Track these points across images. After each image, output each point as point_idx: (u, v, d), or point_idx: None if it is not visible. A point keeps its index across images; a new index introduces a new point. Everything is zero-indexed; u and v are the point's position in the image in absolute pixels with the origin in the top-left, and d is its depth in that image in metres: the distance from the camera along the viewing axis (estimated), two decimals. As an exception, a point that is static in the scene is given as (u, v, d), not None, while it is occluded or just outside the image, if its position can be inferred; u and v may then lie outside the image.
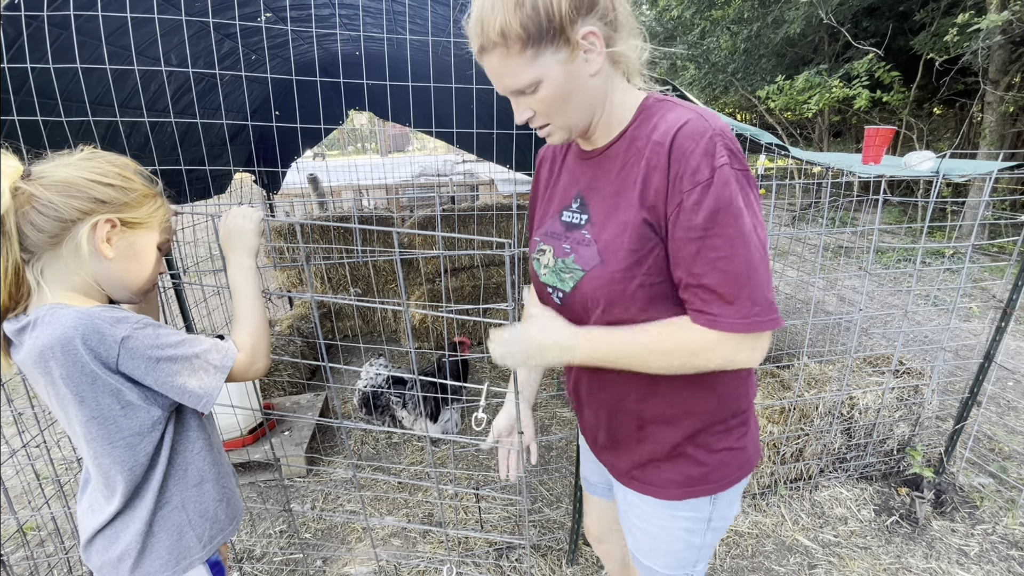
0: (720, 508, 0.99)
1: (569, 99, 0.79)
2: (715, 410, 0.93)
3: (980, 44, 6.00)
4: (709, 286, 0.75)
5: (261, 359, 0.99)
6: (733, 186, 0.72)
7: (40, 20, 1.36)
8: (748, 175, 0.75)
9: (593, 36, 0.75)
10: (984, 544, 2.15)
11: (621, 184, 0.83)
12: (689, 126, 0.74)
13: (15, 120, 1.38)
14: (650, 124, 0.80)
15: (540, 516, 2.34)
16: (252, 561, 2.12)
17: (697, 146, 0.73)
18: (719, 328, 0.76)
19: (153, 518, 0.96)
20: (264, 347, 0.99)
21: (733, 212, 0.72)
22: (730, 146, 0.74)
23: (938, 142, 9.10)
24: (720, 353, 0.78)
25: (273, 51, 2.60)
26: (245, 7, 1.98)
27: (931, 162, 2.09)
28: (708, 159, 0.72)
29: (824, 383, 2.43)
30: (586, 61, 0.77)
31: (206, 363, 0.91)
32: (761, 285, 0.74)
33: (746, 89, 10.77)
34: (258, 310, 1.02)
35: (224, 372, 0.93)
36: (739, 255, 0.73)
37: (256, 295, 1.02)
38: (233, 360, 0.94)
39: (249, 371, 0.97)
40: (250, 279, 1.03)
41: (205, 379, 0.90)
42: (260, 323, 1.01)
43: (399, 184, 6.46)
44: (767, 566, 2.07)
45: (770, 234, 3.67)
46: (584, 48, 0.76)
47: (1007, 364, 3.70)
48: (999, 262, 5.91)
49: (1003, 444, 2.78)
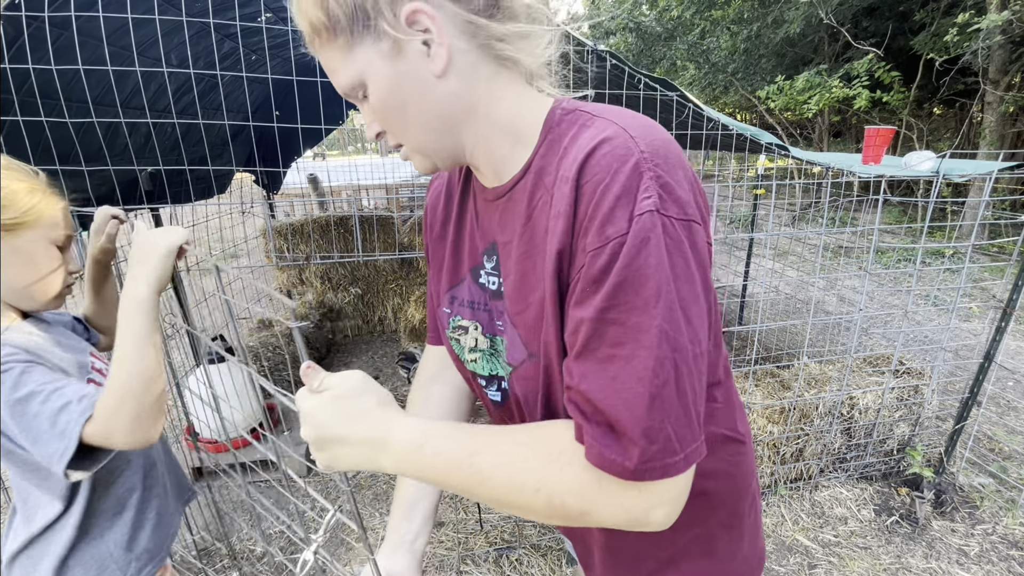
0: None
1: (406, 109, 0.56)
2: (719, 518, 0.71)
3: (980, 44, 6.00)
4: (590, 397, 0.49)
5: (119, 432, 0.74)
6: (656, 247, 0.46)
7: (41, 20, 1.36)
8: (690, 228, 0.49)
9: (423, 16, 0.51)
10: (984, 544, 2.15)
11: (530, 242, 0.57)
12: (603, 150, 0.49)
13: (18, 120, 1.38)
14: (559, 148, 0.55)
15: (540, 516, 2.34)
16: (252, 561, 2.12)
17: (613, 181, 0.48)
18: (606, 467, 0.49)
19: (69, 552, 0.88)
20: (125, 417, 0.74)
21: (649, 291, 0.46)
22: (663, 177, 0.48)
23: (938, 142, 9.10)
24: (609, 505, 0.50)
25: (273, 51, 2.60)
26: (245, 7, 1.98)
27: (931, 162, 2.09)
28: (627, 201, 0.47)
29: (824, 383, 2.44)
30: (427, 56, 0.53)
31: (51, 428, 0.73)
32: (671, 410, 0.47)
33: (746, 89, 10.77)
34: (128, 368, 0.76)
35: (67, 443, 0.73)
36: (643, 358, 0.47)
37: (134, 345, 0.77)
38: (78, 430, 0.73)
39: (107, 441, 0.75)
40: (127, 320, 0.79)
41: (48, 447, 0.73)
42: (128, 388, 0.75)
43: (399, 184, 6.46)
44: (767, 566, 2.08)
45: (770, 234, 3.67)
46: (413, 36, 0.52)
47: (1007, 364, 3.71)
48: (999, 262, 5.92)
49: (1003, 444, 2.78)
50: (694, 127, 2.01)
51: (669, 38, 11.77)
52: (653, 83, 1.71)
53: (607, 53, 1.65)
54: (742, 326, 4.31)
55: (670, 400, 0.47)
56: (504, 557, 2.09)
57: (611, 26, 11.95)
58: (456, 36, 0.53)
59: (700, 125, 1.99)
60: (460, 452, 0.53)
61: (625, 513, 0.51)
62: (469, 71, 0.55)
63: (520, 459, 0.52)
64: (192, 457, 2.51)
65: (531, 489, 0.51)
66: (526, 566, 2.05)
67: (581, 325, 0.50)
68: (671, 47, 11.82)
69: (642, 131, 0.50)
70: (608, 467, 0.48)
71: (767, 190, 5.27)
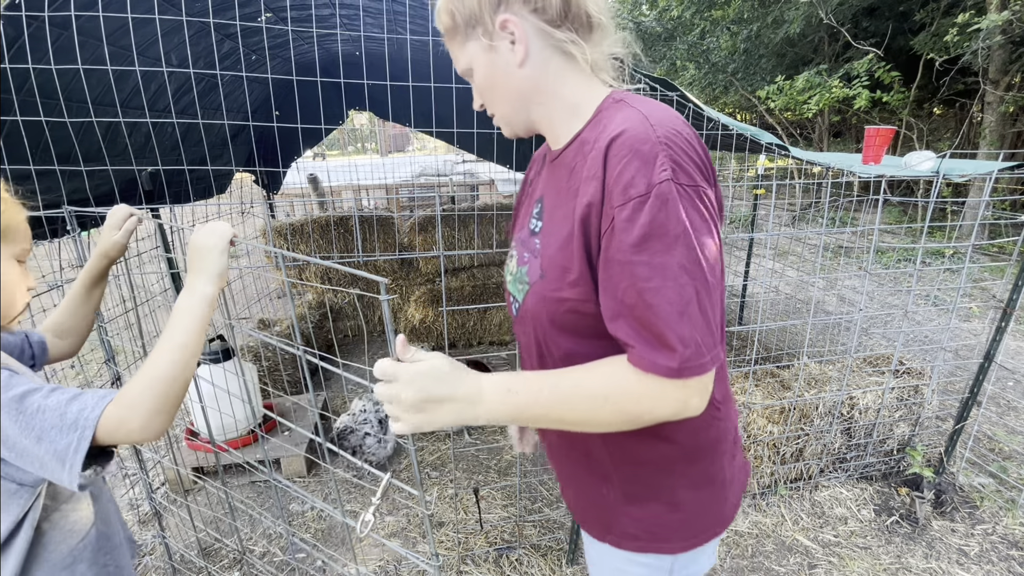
0: (683, 564, 0.88)
1: (496, 88, 0.78)
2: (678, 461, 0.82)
3: (980, 44, 6.00)
4: (638, 321, 0.64)
5: (136, 420, 0.71)
6: (674, 205, 0.62)
7: (41, 20, 1.36)
8: (698, 191, 0.64)
9: (511, 24, 0.72)
10: (984, 544, 2.15)
11: (566, 193, 0.75)
12: (629, 132, 0.65)
13: (18, 120, 1.38)
14: (600, 126, 0.71)
15: (540, 516, 2.34)
16: (252, 561, 2.12)
17: (634, 155, 0.63)
18: (655, 371, 0.63)
19: None
20: (149, 406, 0.73)
21: (670, 237, 0.62)
22: (676, 158, 0.63)
23: (938, 142, 9.11)
24: (662, 403, 0.66)
25: (274, 51, 2.60)
26: (245, 7, 1.98)
27: (931, 162, 2.09)
28: (646, 170, 0.62)
29: (824, 383, 2.44)
30: (511, 51, 0.74)
31: (59, 421, 0.69)
32: (696, 323, 0.62)
33: (746, 89, 10.77)
34: (172, 357, 0.77)
35: (81, 432, 0.69)
36: (671, 287, 0.62)
37: (185, 337, 0.79)
38: (97, 414, 0.70)
39: (119, 430, 0.71)
40: (190, 312, 0.81)
41: (57, 442, 0.68)
42: (163, 374, 0.75)
43: (399, 184, 6.46)
44: (767, 566, 2.08)
45: (770, 234, 3.67)
46: (503, 37, 0.73)
47: (1007, 364, 3.71)
48: (999, 262, 5.92)
49: (1003, 444, 2.78)
50: (694, 127, 2.01)
51: (669, 38, 11.77)
52: (653, 83, 1.71)
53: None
54: (742, 326, 4.31)
55: (694, 316, 0.62)
56: (504, 557, 2.09)
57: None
58: (533, 37, 0.73)
59: (700, 125, 1.99)
60: (539, 387, 0.69)
61: (673, 405, 0.66)
62: (541, 63, 0.75)
63: (588, 381, 0.69)
64: (191, 458, 2.51)
65: (601, 399, 0.67)
66: (526, 566, 2.05)
67: (618, 268, 0.65)
68: (671, 47, 11.82)
69: (661, 120, 0.66)
70: (658, 371, 0.63)
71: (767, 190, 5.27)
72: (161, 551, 2.04)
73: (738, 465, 0.92)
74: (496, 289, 4.11)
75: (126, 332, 2.00)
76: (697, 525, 0.86)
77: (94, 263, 1.11)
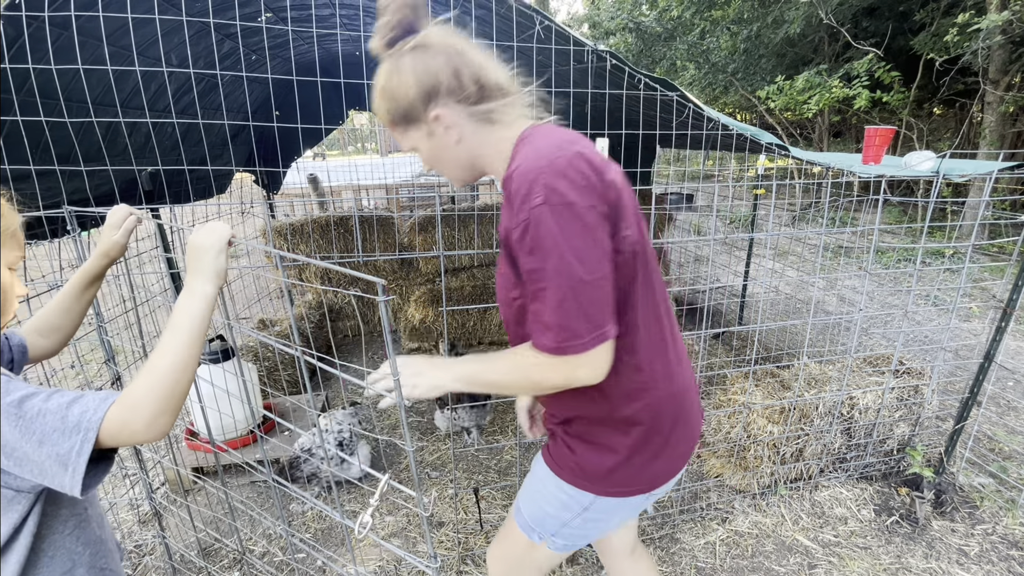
0: (600, 509, 1.07)
1: (442, 161, 0.98)
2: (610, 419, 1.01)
3: (980, 44, 6.00)
4: (535, 313, 0.85)
5: (139, 421, 0.71)
6: (547, 223, 0.79)
7: (41, 20, 1.36)
8: (571, 207, 0.79)
9: (442, 116, 0.90)
10: (984, 544, 2.15)
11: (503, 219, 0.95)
12: (521, 168, 0.82)
13: (18, 120, 1.38)
14: (511, 163, 0.89)
15: (540, 516, 2.34)
16: (252, 561, 2.12)
17: (521, 187, 0.81)
18: (544, 351, 0.85)
19: None
20: (152, 407, 0.72)
21: (545, 249, 0.79)
22: (551, 183, 0.79)
23: (938, 142, 9.10)
24: (552, 373, 0.87)
25: (274, 51, 2.60)
26: (245, 7, 1.98)
27: (931, 162, 2.09)
28: (528, 199, 0.80)
29: (824, 383, 2.44)
30: (446, 134, 0.92)
31: (61, 424, 0.67)
32: (573, 313, 0.81)
33: (746, 89, 10.77)
34: (174, 357, 0.76)
35: (84, 435, 0.68)
36: (551, 287, 0.80)
37: (187, 338, 0.79)
38: (100, 416, 0.69)
39: (123, 431, 0.70)
40: (190, 312, 0.81)
41: (60, 445, 0.67)
42: (165, 375, 0.74)
43: (399, 184, 6.46)
44: (767, 566, 2.08)
45: (770, 234, 3.66)
46: (436, 126, 0.91)
47: (1007, 364, 3.71)
48: (999, 262, 5.92)
49: (1003, 444, 2.78)
50: (694, 127, 2.01)
51: (669, 38, 11.76)
52: (653, 83, 1.71)
53: (607, 53, 1.65)
54: (742, 326, 4.31)
55: (569, 308, 0.81)
56: (504, 557, 2.09)
57: (611, 26, 11.94)
58: (462, 120, 0.92)
59: (700, 125, 1.99)
60: (483, 365, 0.95)
61: (561, 375, 0.87)
62: (473, 134, 0.94)
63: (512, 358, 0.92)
64: (191, 458, 2.51)
65: (516, 370, 0.91)
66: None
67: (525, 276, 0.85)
68: (671, 47, 11.82)
69: (545, 152, 0.83)
70: (544, 349, 0.85)
71: (767, 190, 5.27)
72: (161, 551, 2.04)
73: (681, 437, 1.05)
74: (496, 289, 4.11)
75: (126, 332, 2.00)
76: (622, 477, 1.02)
77: (93, 262, 1.12)
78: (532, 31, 1.63)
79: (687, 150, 5.22)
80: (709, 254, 5.87)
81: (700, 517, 2.33)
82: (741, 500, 2.42)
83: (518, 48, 1.55)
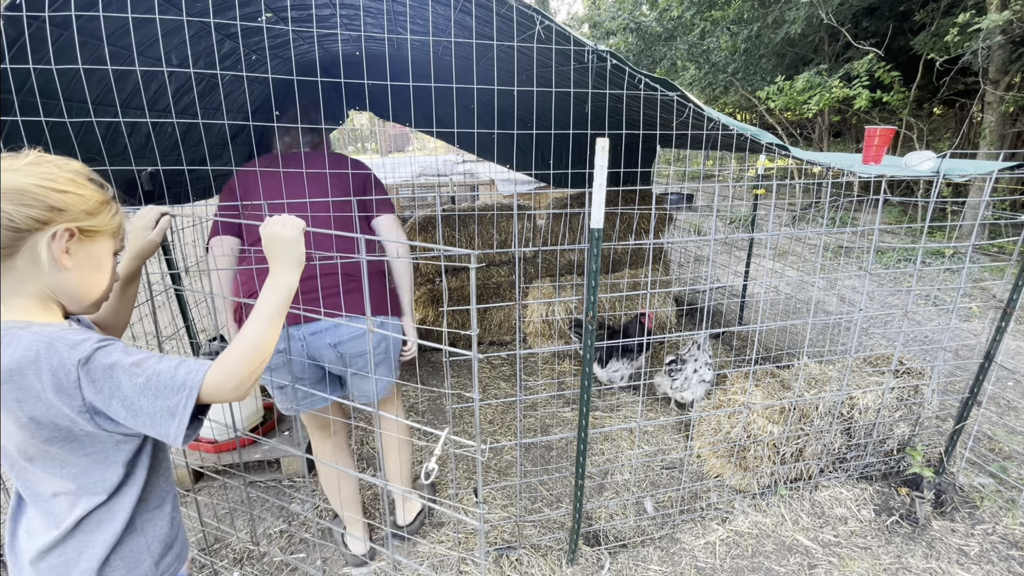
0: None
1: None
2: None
3: (980, 44, 6.00)
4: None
5: (231, 383, 0.85)
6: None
7: (41, 20, 1.36)
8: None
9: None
10: (984, 544, 2.15)
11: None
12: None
13: (18, 120, 1.38)
14: None
15: (540, 516, 2.34)
16: (252, 561, 2.12)
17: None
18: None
19: (115, 547, 0.89)
20: (240, 373, 0.86)
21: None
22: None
23: (938, 142, 9.11)
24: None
25: (274, 51, 2.60)
26: (246, 7, 1.98)
27: (931, 162, 2.09)
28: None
29: (824, 383, 2.44)
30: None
31: (171, 381, 0.81)
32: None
33: (746, 89, 10.77)
34: (259, 334, 0.91)
35: (188, 391, 0.82)
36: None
37: (270, 318, 0.93)
38: (201, 376, 0.83)
39: (218, 391, 0.85)
40: (275, 297, 0.95)
41: (170, 399, 0.80)
42: (252, 347, 0.89)
43: (399, 184, 6.45)
44: (767, 566, 2.08)
45: (770, 234, 3.65)
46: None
47: (1007, 364, 3.71)
48: (999, 262, 5.92)
49: (1003, 444, 2.78)
50: (694, 127, 2.01)
51: (669, 38, 11.76)
52: (653, 83, 1.71)
53: (608, 53, 1.65)
54: (742, 326, 4.31)
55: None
56: (504, 557, 2.09)
57: (611, 26, 11.94)
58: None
59: (700, 125, 1.99)
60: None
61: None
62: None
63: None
64: (191, 457, 2.51)
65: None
66: (526, 566, 2.05)
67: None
68: (671, 47, 11.81)
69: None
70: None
71: (767, 190, 5.26)
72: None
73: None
74: (496, 289, 4.11)
75: (125, 331, 2.00)
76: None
77: (127, 264, 1.16)
78: (532, 31, 1.63)
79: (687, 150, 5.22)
80: (709, 254, 5.87)
81: (700, 517, 2.33)
82: (741, 500, 2.42)
83: (518, 48, 1.55)
